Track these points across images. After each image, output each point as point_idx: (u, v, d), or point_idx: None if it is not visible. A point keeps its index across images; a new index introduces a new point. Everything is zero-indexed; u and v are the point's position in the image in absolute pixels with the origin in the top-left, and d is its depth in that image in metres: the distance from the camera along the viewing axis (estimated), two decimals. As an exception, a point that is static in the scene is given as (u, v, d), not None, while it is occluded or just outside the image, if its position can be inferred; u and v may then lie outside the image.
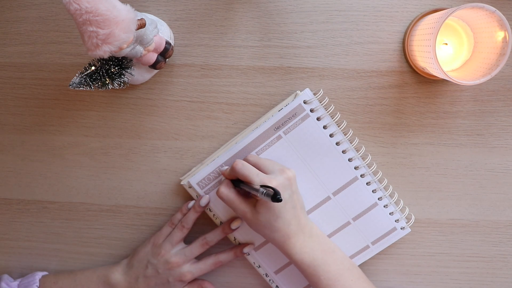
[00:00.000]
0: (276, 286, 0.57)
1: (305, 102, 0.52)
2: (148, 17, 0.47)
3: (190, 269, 0.54)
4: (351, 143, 0.54)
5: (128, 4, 0.41)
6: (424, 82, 0.54)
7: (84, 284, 0.55)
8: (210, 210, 0.56)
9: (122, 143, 0.58)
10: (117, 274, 0.55)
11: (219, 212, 0.56)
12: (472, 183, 0.56)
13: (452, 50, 0.52)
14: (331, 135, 0.53)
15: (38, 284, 0.55)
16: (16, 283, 0.56)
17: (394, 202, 0.55)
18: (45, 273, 0.58)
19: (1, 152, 0.59)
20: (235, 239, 0.57)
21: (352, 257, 0.56)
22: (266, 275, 0.57)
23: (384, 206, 0.55)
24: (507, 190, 0.56)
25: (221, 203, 0.55)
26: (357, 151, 0.54)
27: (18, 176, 0.60)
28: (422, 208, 0.57)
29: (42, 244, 0.61)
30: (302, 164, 0.54)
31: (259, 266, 0.57)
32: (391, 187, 0.55)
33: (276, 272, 0.57)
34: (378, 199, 0.55)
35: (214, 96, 0.56)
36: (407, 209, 0.56)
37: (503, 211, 0.56)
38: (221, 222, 0.56)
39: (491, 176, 0.56)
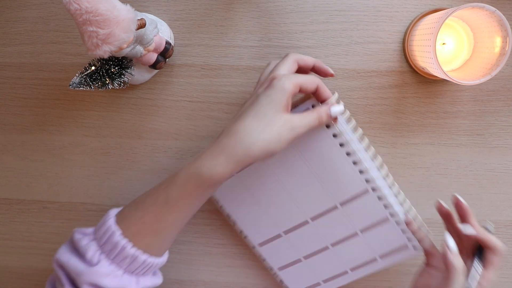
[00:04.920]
0: (280, 280, 0.57)
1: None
2: (148, 17, 0.47)
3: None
4: None
5: (128, 4, 0.41)
6: (424, 82, 0.54)
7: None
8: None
9: (122, 143, 0.58)
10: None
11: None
12: (472, 183, 0.56)
13: (452, 50, 0.52)
14: (341, 145, 0.48)
15: (114, 218, 0.44)
16: (91, 229, 0.45)
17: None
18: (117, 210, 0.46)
19: (1, 152, 0.59)
20: (241, 232, 0.56)
21: (358, 267, 0.55)
22: (271, 269, 0.57)
23: (396, 223, 0.52)
24: (507, 190, 0.56)
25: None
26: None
27: (18, 176, 0.60)
28: (422, 208, 0.57)
29: (42, 244, 0.61)
30: (307, 169, 0.51)
31: (264, 260, 0.57)
32: (391, 187, 0.55)
33: (280, 269, 0.57)
34: (390, 214, 0.51)
35: (214, 96, 0.56)
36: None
37: (503, 211, 0.56)
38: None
39: (491, 176, 0.56)
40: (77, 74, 0.47)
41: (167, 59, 0.53)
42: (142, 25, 0.43)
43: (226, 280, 0.59)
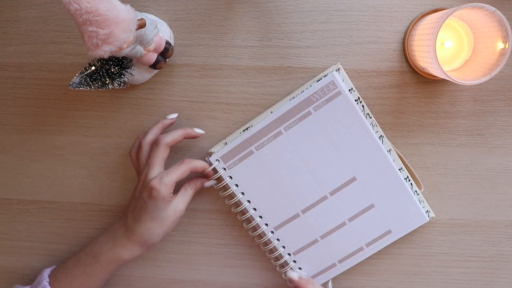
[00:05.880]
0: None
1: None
2: (148, 17, 0.47)
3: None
4: None
5: (128, 4, 0.41)
6: (424, 82, 0.54)
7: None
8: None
9: (122, 143, 0.58)
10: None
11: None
12: (472, 183, 0.56)
13: (452, 50, 0.52)
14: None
15: (47, 279, 0.54)
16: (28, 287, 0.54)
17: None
18: (51, 269, 0.56)
19: (1, 152, 0.59)
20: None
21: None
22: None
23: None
24: (507, 190, 0.56)
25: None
26: None
27: (18, 176, 0.60)
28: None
29: (42, 244, 0.61)
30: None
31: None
32: (391, 187, 0.55)
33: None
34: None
35: (214, 96, 0.56)
36: (407, 209, 0.56)
37: (503, 211, 0.56)
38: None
39: (491, 176, 0.56)
40: (77, 74, 0.47)
41: (167, 59, 0.53)
42: (142, 25, 0.43)
43: (226, 280, 0.59)
